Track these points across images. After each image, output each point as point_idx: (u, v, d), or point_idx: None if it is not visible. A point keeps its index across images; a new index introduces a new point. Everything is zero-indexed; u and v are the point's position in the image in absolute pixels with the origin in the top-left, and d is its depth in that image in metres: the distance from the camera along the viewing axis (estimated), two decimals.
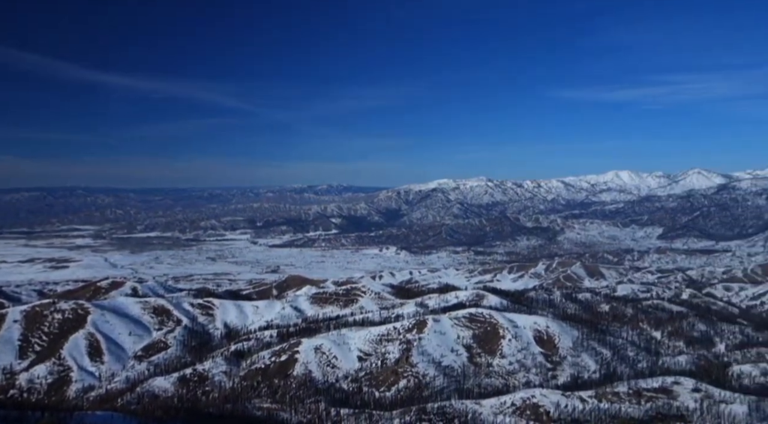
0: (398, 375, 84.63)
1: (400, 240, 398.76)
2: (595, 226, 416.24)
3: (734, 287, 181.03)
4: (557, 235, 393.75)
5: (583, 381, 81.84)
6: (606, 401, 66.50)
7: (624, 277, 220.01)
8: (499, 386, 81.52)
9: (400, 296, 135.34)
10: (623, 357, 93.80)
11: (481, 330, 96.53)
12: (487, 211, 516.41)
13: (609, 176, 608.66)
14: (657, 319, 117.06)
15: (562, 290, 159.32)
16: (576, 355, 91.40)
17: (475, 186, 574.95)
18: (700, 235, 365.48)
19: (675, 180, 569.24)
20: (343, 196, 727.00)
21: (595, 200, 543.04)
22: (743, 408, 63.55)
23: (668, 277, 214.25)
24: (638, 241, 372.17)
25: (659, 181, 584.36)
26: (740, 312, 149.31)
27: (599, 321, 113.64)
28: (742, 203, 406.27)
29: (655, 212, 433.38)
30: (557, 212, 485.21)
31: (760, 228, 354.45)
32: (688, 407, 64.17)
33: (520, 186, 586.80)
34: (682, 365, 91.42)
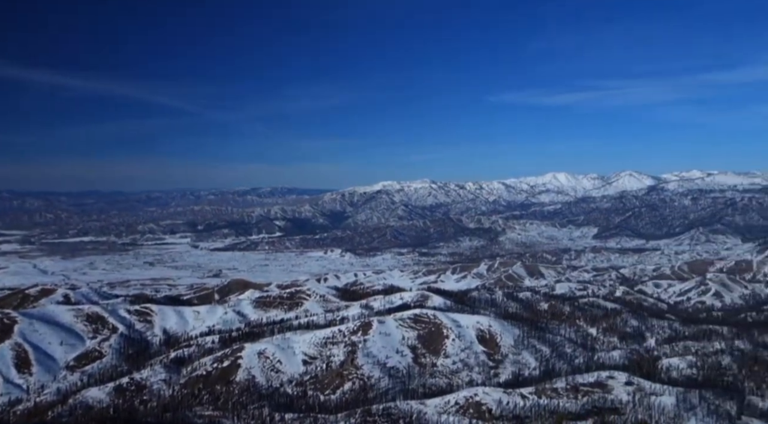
0: (343, 378, 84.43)
1: (345, 242, 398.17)
2: (534, 226, 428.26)
3: (663, 284, 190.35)
4: (499, 235, 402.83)
5: (523, 378, 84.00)
6: (545, 396, 68.50)
7: (562, 276, 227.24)
8: (444, 386, 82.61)
9: (346, 298, 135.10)
10: (561, 354, 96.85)
11: (426, 331, 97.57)
12: (431, 212, 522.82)
13: (547, 178, 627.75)
14: (593, 316, 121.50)
15: (504, 289, 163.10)
16: (517, 353, 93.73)
17: (419, 188, 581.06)
18: (632, 234, 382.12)
19: (609, 182, 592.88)
20: (287, 199, 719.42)
21: (534, 201, 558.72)
22: (672, 399, 66.88)
23: (603, 275, 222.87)
24: (575, 240, 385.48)
25: (594, 183, 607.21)
26: (669, 308, 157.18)
27: (539, 319, 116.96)
28: (670, 204, 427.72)
29: (590, 213, 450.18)
30: (499, 213, 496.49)
31: (686, 227, 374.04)
32: (622, 400, 66.96)
33: (462, 188, 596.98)
34: (616, 359, 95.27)
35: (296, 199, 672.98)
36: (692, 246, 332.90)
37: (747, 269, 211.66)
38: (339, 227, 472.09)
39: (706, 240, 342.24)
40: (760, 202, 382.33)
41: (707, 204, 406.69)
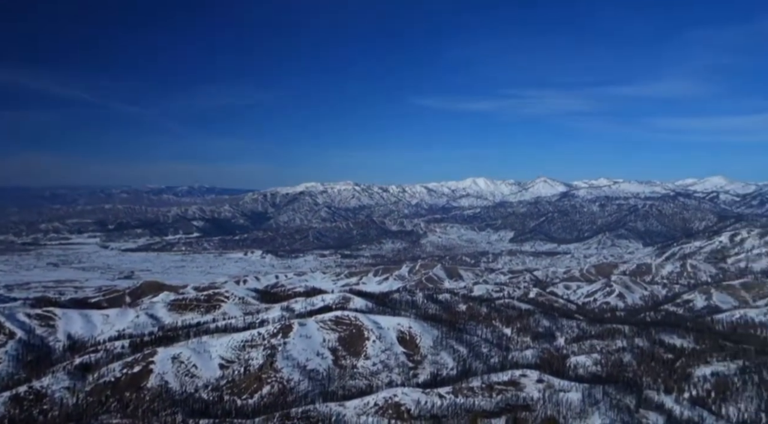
0: (262, 381, 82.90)
1: (267, 244, 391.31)
2: (455, 229, 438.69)
3: (573, 286, 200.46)
4: (420, 238, 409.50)
5: (441, 378, 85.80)
6: (462, 396, 70.35)
7: (480, 278, 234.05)
8: (363, 387, 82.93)
9: (266, 300, 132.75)
10: (478, 354, 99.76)
11: (347, 333, 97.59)
12: (354, 214, 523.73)
13: (467, 183, 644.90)
14: (508, 316, 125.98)
15: (424, 291, 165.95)
16: (436, 353, 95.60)
17: (343, 190, 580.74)
18: (545, 238, 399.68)
19: (525, 187, 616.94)
20: (206, 198, 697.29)
21: (455, 205, 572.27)
22: (578, 395, 70.57)
23: (518, 277, 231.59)
24: (493, 244, 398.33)
25: (511, 188, 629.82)
26: (577, 308, 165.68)
27: (457, 320, 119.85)
28: (580, 210, 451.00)
29: (507, 217, 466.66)
30: (421, 216, 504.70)
31: (594, 232, 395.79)
32: (533, 397, 69.90)
33: (386, 190, 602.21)
34: (528, 358, 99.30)
35: (215, 199, 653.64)
36: (599, 250, 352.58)
37: (647, 271, 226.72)
38: (260, 228, 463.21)
39: (611, 244, 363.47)
40: (659, 209, 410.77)
41: (613, 210, 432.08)
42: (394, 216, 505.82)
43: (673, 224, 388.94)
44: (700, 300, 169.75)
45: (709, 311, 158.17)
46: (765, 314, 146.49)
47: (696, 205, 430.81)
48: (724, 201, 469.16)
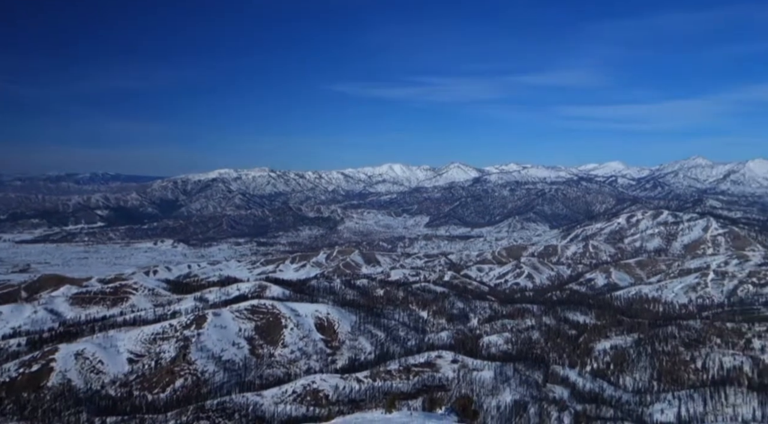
0: (174, 374, 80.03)
1: (178, 232, 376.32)
2: (371, 215, 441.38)
3: (485, 268, 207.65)
4: (338, 224, 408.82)
5: (360, 363, 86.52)
6: (380, 379, 71.27)
7: (397, 263, 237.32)
8: (281, 376, 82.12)
9: (178, 291, 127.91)
10: (395, 337, 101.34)
11: (264, 321, 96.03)
12: (270, 201, 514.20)
13: (384, 169, 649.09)
14: (424, 300, 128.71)
15: (342, 277, 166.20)
16: (354, 338, 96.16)
17: (258, 176, 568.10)
18: (459, 222, 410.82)
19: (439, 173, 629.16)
20: (110, 186, 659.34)
21: (371, 191, 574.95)
22: (490, 373, 73.44)
23: (434, 261, 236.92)
24: (409, 229, 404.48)
25: (426, 174, 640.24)
26: (489, 290, 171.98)
27: (375, 305, 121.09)
28: (492, 194, 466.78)
29: (423, 202, 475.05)
30: (338, 202, 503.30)
31: (504, 216, 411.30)
32: (448, 377, 71.99)
33: (302, 177, 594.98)
34: (444, 340, 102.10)
35: (121, 187, 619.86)
36: (510, 233, 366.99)
37: (553, 253, 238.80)
38: (171, 217, 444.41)
39: (521, 227, 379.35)
40: (565, 194, 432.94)
41: (522, 195, 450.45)
42: (311, 203, 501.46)
43: (577, 206, 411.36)
44: (601, 278, 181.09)
45: (608, 289, 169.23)
46: (657, 290, 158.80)
47: (597, 189, 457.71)
48: (621, 185, 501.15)
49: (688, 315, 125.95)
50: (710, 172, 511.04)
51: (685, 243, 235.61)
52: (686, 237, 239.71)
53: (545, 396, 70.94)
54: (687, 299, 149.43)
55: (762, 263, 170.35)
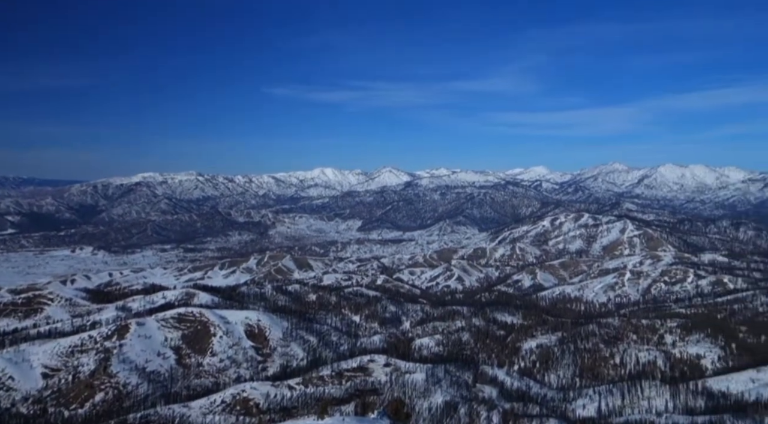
0: (94, 388, 76.10)
1: (98, 239, 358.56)
2: (303, 220, 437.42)
3: (417, 271, 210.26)
4: (269, 229, 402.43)
5: (292, 370, 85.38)
6: (312, 385, 70.58)
7: (329, 267, 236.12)
8: (210, 385, 79.81)
9: (98, 300, 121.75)
10: (328, 342, 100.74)
11: (191, 330, 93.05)
12: (198, 206, 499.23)
13: (316, 173, 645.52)
14: (357, 304, 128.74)
15: (274, 283, 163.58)
16: (286, 345, 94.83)
17: (185, 180, 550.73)
18: (391, 226, 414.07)
19: (371, 177, 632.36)
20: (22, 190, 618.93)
21: (303, 195, 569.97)
22: (422, 375, 74.32)
23: (366, 265, 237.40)
24: (341, 233, 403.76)
25: (358, 178, 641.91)
26: (421, 292, 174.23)
27: (307, 310, 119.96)
28: (423, 198, 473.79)
29: (355, 206, 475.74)
30: (269, 207, 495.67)
31: (436, 220, 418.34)
32: (381, 381, 72.26)
33: (231, 181, 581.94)
34: (377, 343, 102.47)
35: (35, 191, 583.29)
36: (441, 236, 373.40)
37: (482, 255, 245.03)
38: (90, 223, 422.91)
39: (451, 231, 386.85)
40: (493, 197, 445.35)
41: (452, 199, 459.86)
42: (240, 207, 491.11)
43: (505, 210, 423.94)
44: (527, 280, 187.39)
45: (534, 289, 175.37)
46: (579, 290, 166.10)
47: (523, 193, 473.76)
48: (546, 189, 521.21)
49: (608, 313, 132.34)
50: (626, 177, 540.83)
51: (604, 244, 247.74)
52: (605, 239, 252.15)
53: (475, 396, 72.52)
54: (606, 298, 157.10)
55: (672, 262, 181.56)
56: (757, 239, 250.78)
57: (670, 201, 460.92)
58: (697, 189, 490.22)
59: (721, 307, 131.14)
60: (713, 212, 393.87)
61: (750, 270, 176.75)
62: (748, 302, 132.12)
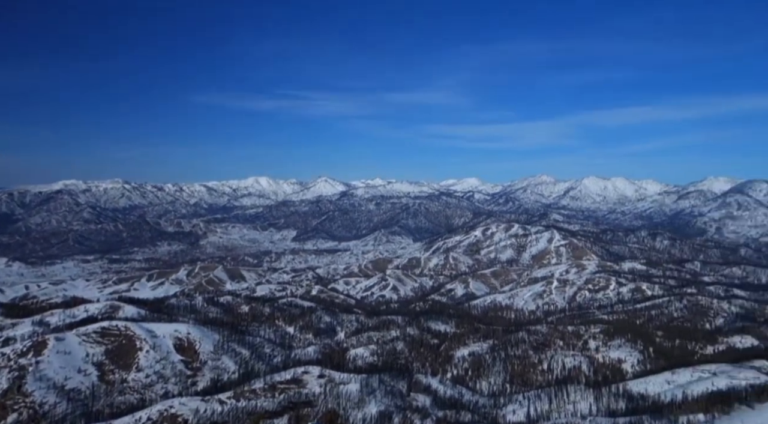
0: (7, 409, 71.26)
1: (14, 250, 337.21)
2: (236, 229, 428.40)
3: (352, 281, 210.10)
4: (200, 239, 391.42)
5: (223, 383, 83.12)
6: (244, 399, 68.98)
7: (263, 278, 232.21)
8: (135, 402, 76.45)
9: (13, 315, 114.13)
10: (261, 355, 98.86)
11: (116, 344, 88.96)
12: (124, 215, 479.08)
13: (250, 182, 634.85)
14: (291, 315, 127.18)
15: (205, 294, 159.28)
16: (217, 358, 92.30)
17: (110, 188, 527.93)
18: (327, 236, 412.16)
19: (307, 187, 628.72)
20: None
21: (237, 205, 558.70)
22: (357, 386, 74.16)
23: (301, 275, 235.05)
24: (276, 243, 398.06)
25: (294, 188, 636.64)
26: (356, 302, 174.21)
27: (240, 322, 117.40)
28: (358, 208, 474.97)
29: (290, 216, 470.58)
30: (200, 216, 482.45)
31: (371, 229, 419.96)
32: (315, 393, 71.53)
33: (161, 189, 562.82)
34: (311, 355, 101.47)
35: None
36: (376, 246, 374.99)
37: (417, 265, 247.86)
38: (5, 233, 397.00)
39: (386, 241, 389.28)
40: (427, 208, 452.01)
41: (388, 209, 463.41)
42: (170, 216, 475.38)
43: (438, 220, 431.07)
44: (460, 289, 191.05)
45: (467, 298, 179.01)
46: (509, 298, 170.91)
47: (456, 204, 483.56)
48: (478, 200, 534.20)
49: (536, 321, 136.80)
50: (553, 189, 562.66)
51: (533, 253, 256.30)
52: (534, 248, 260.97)
53: (409, 405, 73.00)
54: (535, 306, 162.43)
55: (596, 271, 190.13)
56: (672, 248, 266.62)
57: (594, 212, 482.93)
58: (618, 201, 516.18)
59: (640, 313, 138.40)
60: (633, 223, 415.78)
61: (666, 277, 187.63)
62: (664, 307, 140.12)
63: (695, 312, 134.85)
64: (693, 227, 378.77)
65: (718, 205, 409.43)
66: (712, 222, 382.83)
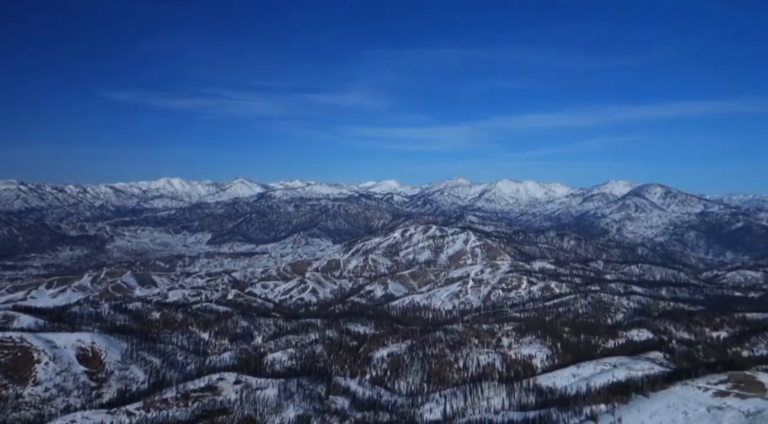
0: None
1: None
2: (147, 233, 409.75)
3: (270, 285, 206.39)
4: (106, 243, 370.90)
5: (131, 394, 79.08)
6: (155, 410, 65.95)
7: (176, 283, 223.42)
8: (32, 418, 71.16)
9: None
10: (173, 363, 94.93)
11: (10, 357, 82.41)
12: (20, 218, 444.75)
13: (161, 183, 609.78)
14: (206, 320, 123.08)
15: (111, 301, 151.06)
16: (125, 368, 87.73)
17: (4, 189, 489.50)
18: (244, 239, 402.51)
19: (222, 188, 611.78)
20: None
21: (147, 207, 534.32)
22: (274, 391, 72.82)
23: (216, 279, 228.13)
24: (190, 246, 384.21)
25: (208, 189, 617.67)
26: (275, 306, 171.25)
27: (150, 330, 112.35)
28: (277, 210, 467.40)
29: (205, 218, 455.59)
30: (106, 219, 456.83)
31: (289, 232, 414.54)
32: (231, 400, 69.52)
33: (61, 191, 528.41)
34: (227, 361, 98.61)
35: None
36: (295, 249, 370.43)
37: (336, 267, 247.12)
38: None
39: (306, 243, 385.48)
40: (346, 210, 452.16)
41: (307, 211, 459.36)
42: (72, 220, 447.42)
43: (358, 222, 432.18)
44: (380, 290, 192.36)
45: (386, 299, 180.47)
46: (427, 298, 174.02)
47: (376, 206, 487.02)
48: (397, 201, 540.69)
49: (453, 320, 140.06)
50: (469, 191, 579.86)
51: (450, 254, 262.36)
52: (451, 249, 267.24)
53: (328, 408, 72.50)
54: (452, 305, 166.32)
55: (509, 270, 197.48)
56: (578, 248, 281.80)
57: (507, 214, 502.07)
58: (529, 203, 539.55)
59: (549, 310, 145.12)
60: (543, 224, 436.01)
61: (572, 276, 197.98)
62: (570, 304, 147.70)
63: (598, 308, 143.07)
64: (597, 228, 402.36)
65: (618, 208, 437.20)
66: (614, 223, 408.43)
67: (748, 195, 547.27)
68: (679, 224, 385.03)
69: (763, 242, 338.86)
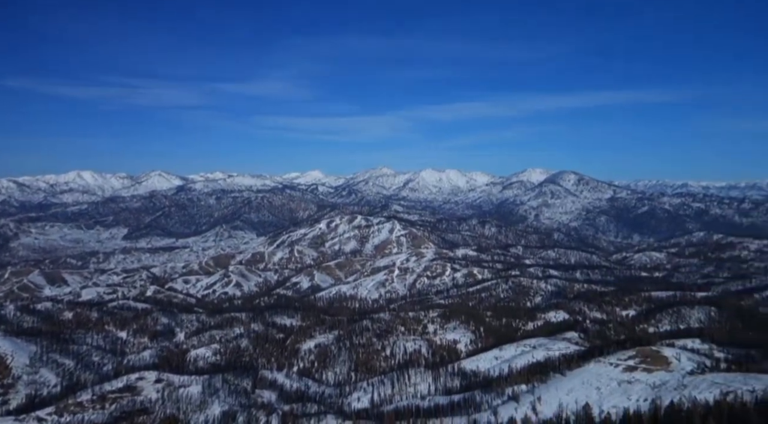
0: None
1: None
2: (56, 229, 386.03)
3: (192, 280, 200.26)
4: (10, 241, 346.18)
5: (42, 399, 74.82)
6: (68, 414, 62.77)
7: (89, 281, 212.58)
8: None
9: None
10: (88, 364, 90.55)
11: None
12: None
13: (71, 176, 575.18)
14: (123, 319, 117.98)
15: (18, 302, 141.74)
16: (34, 372, 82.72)
17: None
18: (162, 233, 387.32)
19: (138, 181, 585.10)
20: None
21: (55, 202, 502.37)
22: (198, 388, 71.05)
23: (134, 276, 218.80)
24: (104, 242, 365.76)
25: (123, 182, 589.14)
26: (197, 301, 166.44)
27: (62, 331, 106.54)
28: (197, 203, 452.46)
29: (120, 213, 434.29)
30: (10, 215, 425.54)
31: (211, 225, 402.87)
32: (152, 399, 67.20)
33: None
34: (147, 359, 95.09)
35: None
36: (217, 242, 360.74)
37: (261, 259, 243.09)
38: None
39: (228, 236, 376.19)
40: (270, 201, 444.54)
41: (229, 203, 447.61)
42: None
43: (282, 214, 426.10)
44: (306, 281, 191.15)
45: (312, 290, 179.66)
46: (354, 288, 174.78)
47: (300, 197, 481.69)
48: (322, 192, 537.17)
49: (380, 309, 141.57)
50: (394, 181, 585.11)
51: (375, 244, 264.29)
52: (376, 239, 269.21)
53: (254, 402, 71.55)
54: (378, 295, 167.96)
55: (433, 258, 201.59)
56: (499, 234, 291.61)
57: (431, 203, 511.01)
58: (452, 191, 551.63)
59: (473, 296, 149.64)
60: (465, 212, 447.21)
61: (494, 262, 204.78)
62: (492, 289, 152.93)
63: (518, 292, 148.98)
64: (516, 215, 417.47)
65: (535, 194, 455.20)
66: (531, 210, 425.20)
67: (652, 181, 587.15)
68: (591, 210, 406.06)
69: (665, 225, 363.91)
